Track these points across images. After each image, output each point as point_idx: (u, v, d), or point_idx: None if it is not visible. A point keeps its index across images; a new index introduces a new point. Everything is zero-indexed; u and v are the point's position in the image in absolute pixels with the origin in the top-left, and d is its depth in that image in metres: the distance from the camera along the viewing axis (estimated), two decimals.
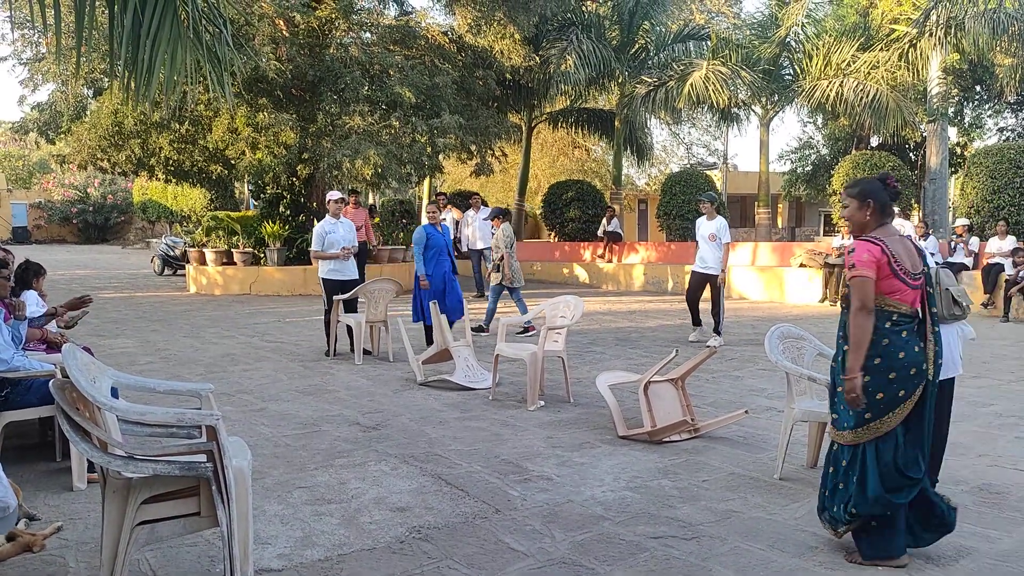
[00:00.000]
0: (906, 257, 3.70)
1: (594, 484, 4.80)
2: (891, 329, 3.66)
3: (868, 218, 3.77)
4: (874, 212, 3.76)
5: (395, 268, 17.63)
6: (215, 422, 3.24)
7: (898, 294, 3.66)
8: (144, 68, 4.67)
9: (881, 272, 3.63)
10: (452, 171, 30.35)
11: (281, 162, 15.28)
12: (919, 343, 3.71)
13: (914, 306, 3.72)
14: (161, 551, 3.77)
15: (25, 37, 16.27)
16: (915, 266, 3.72)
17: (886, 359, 3.64)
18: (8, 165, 50.65)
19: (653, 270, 19.14)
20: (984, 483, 4.81)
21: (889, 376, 3.63)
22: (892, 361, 3.64)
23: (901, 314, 3.68)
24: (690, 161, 38.10)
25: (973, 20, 17.51)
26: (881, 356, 3.64)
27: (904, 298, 3.67)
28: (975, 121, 26.33)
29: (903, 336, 3.66)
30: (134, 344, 10.27)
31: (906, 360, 3.64)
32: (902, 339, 3.66)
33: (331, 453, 5.46)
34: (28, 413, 4.90)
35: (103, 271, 24.61)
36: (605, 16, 23.38)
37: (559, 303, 7.58)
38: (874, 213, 3.76)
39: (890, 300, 3.66)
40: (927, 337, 3.73)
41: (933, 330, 3.73)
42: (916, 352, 3.67)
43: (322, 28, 15.78)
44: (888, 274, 3.64)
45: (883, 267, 3.62)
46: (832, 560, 3.73)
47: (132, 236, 44.21)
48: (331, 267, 9.20)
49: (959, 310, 4.30)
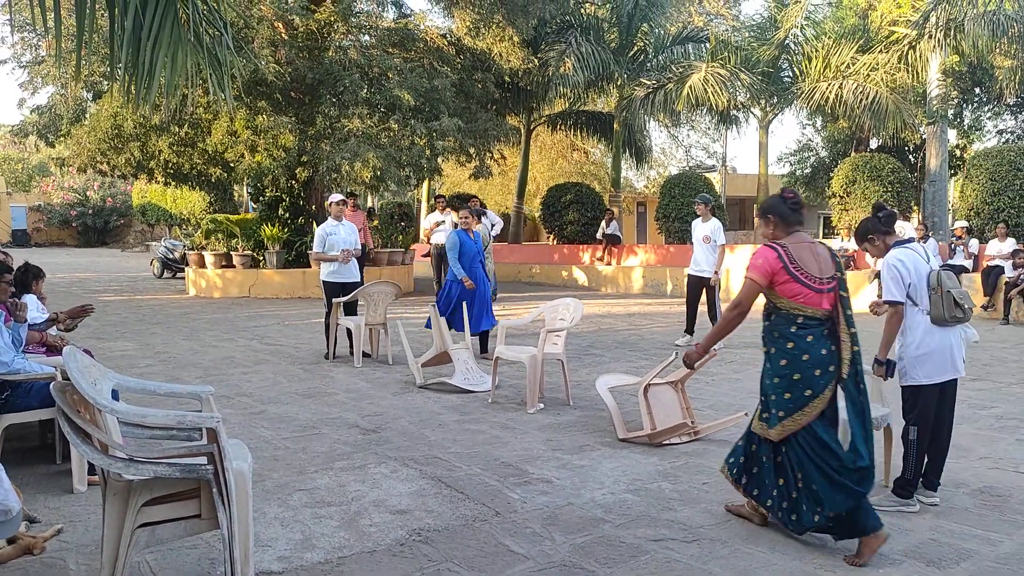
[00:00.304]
0: (812, 262, 3.90)
1: (594, 487, 4.80)
2: (796, 333, 3.87)
3: (774, 230, 4.07)
4: (777, 224, 4.06)
5: (394, 271, 17.63)
6: (215, 424, 3.24)
7: (801, 297, 3.86)
8: (145, 71, 4.67)
9: (777, 277, 3.87)
10: (451, 174, 30.34)
11: (280, 165, 15.28)
12: (829, 345, 3.88)
13: (823, 308, 3.88)
14: (161, 553, 3.77)
15: (25, 40, 16.28)
16: (823, 271, 3.91)
17: (791, 362, 3.87)
18: (8, 168, 50.62)
19: (652, 273, 19.14)
20: (985, 486, 4.81)
21: (794, 377, 3.86)
22: (797, 363, 3.86)
23: (807, 317, 3.86)
24: (689, 164, 38.18)
25: (972, 22, 17.53)
26: (787, 359, 3.89)
27: (809, 301, 3.86)
28: (975, 123, 26.36)
29: (808, 340, 3.86)
30: (134, 347, 10.27)
31: (810, 362, 3.84)
32: (807, 343, 3.86)
33: (331, 456, 5.46)
34: (29, 416, 4.90)
35: (103, 274, 24.61)
36: (604, 19, 23.41)
37: (558, 306, 7.58)
38: (777, 225, 4.05)
39: (795, 304, 3.87)
40: (840, 339, 3.88)
41: (849, 331, 3.87)
42: (823, 354, 3.85)
43: (321, 31, 15.79)
44: (787, 279, 3.85)
45: (778, 272, 3.86)
46: (832, 563, 3.72)
47: (131, 239, 44.20)
48: (332, 270, 9.20)
49: (960, 312, 4.30)
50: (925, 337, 4.35)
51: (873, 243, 4.59)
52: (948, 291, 4.28)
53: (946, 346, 4.36)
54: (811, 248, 3.97)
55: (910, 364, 4.40)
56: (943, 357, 4.36)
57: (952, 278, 4.37)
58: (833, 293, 3.92)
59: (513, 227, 26.20)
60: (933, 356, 4.35)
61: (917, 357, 4.37)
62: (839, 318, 3.91)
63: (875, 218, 4.57)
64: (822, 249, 4.02)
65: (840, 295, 3.93)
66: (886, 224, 4.55)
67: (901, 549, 3.87)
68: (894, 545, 3.90)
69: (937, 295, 4.30)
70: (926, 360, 4.35)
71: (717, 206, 21.10)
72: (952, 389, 4.48)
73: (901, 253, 4.42)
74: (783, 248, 3.91)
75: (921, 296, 4.36)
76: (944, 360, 4.36)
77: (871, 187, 17.90)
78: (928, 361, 4.35)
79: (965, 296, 4.34)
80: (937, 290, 4.30)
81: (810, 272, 3.87)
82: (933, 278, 4.33)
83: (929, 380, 4.37)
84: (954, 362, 4.39)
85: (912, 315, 4.40)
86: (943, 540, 3.98)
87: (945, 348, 4.36)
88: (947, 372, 4.39)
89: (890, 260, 4.42)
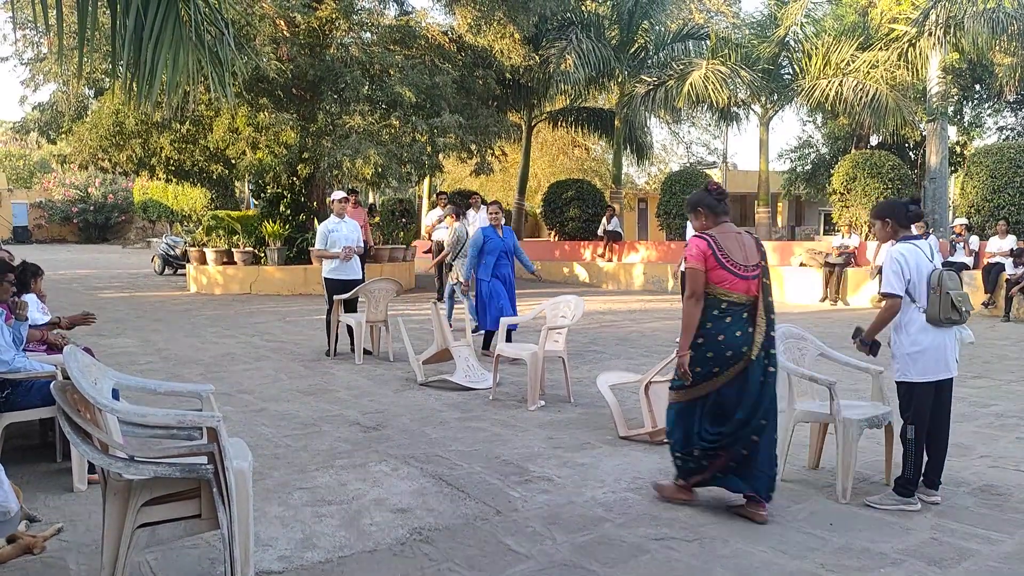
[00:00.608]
0: (737, 251, 4.29)
1: (595, 485, 4.80)
2: (717, 316, 4.26)
3: (704, 221, 4.42)
4: (707, 215, 4.41)
5: (395, 268, 17.63)
6: (216, 424, 3.24)
7: (727, 283, 4.24)
8: (146, 70, 4.66)
9: (708, 263, 4.24)
10: (452, 170, 30.34)
11: (281, 162, 15.28)
12: (745, 328, 4.25)
13: (747, 294, 4.27)
14: (162, 553, 3.77)
15: (27, 37, 16.25)
16: (748, 259, 4.30)
17: (707, 340, 4.26)
18: (9, 165, 50.63)
19: (653, 269, 19.14)
20: (986, 484, 4.81)
21: (707, 355, 4.26)
22: (712, 343, 4.25)
23: (731, 302, 4.25)
24: (690, 160, 38.12)
25: (972, 19, 17.49)
26: (704, 337, 4.27)
27: (734, 287, 4.25)
28: (975, 120, 26.31)
29: (727, 322, 4.25)
30: (134, 343, 10.27)
31: (724, 343, 4.23)
32: (725, 324, 4.25)
33: (331, 454, 5.46)
34: (29, 414, 4.90)
35: (104, 271, 24.61)
36: (604, 16, 23.37)
37: (559, 303, 7.58)
38: (707, 216, 4.40)
39: (720, 289, 4.24)
40: (756, 323, 4.25)
41: (765, 317, 4.27)
42: (737, 336, 4.23)
43: (322, 28, 15.77)
44: (715, 265, 4.23)
45: (709, 259, 4.24)
46: (835, 562, 3.72)
47: (133, 236, 44.22)
48: (333, 267, 9.20)
49: (956, 315, 4.30)
50: (919, 335, 4.35)
51: (886, 227, 4.56)
52: (947, 292, 4.27)
53: (940, 345, 4.36)
54: (737, 238, 4.34)
55: (903, 361, 4.41)
56: (937, 355, 4.36)
57: (954, 279, 4.36)
58: (757, 280, 4.29)
59: (514, 224, 26.16)
60: (927, 354, 4.35)
61: (911, 354, 4.37)
62: (759, 303, 4.27)
63: (903, 207, 4.56)
64: (748, 239, 4.39)
65: (763, 282, 4.30)
66: (909, 219, 4.55)
67: (902, 548, 3.87)
68: (895, 544, 3.91)
69: (936, 295, 4.30)
70: (919, 357, 4.35)
71: None
72: (947, 387, 4.48)
73: (906, 248, 4.42)
74: (712, 237, 4.29)
75: (920, 294, 4.35)
76: (938, 359, 4.37)
77: (871, 184, 17.86)
78: (921, 359, 4.35)
79: (964, 299, 4.33)
80: (937, 290, 4.29)
81: (736, 260, 4.25)
82: (935, 277, 4.32)
83: (922, 378, 4.37)
84: (947, 362, 4.39)
85: (909, 311, 4.40)
86: (944, 539, 3.98)
87: (939, 347, 4.36)
88: (941, 371, 4.39)
89: (893, 253, 4.42)
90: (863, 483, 4.80)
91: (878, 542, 3.94)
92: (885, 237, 4.60)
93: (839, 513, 4.36)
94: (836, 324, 12.34)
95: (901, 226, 4.54)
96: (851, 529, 4.12)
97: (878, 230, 4.65)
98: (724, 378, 4.24)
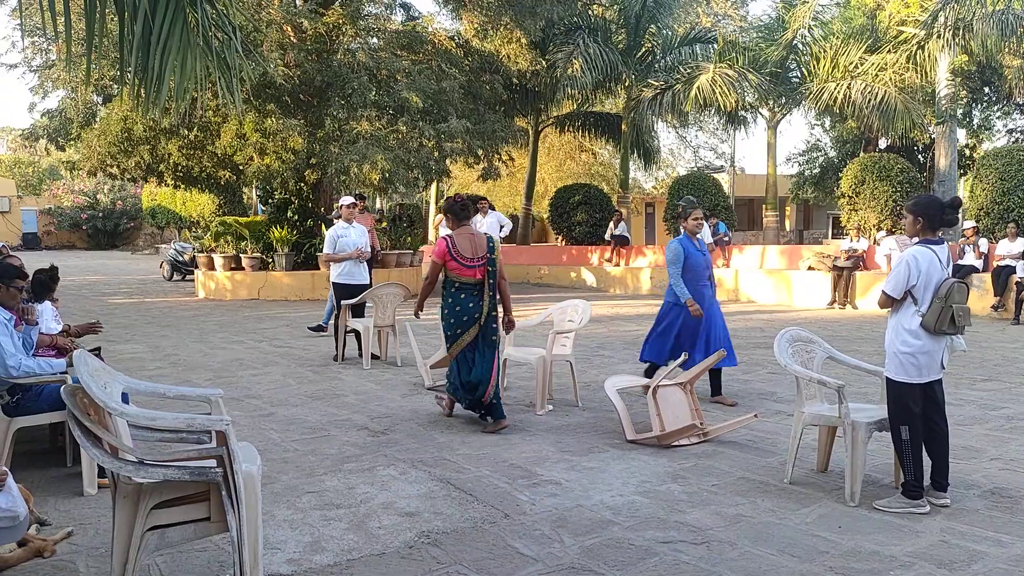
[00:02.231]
0: (468, 247, 6.04)
1: (603, 489, 4.80)
2: (454, 292, 6.10)
3: (452, 224, 6.20)
4: (454, 221, 6.19)
5: (402, 273, 17.65)
6: (225, 427, 3.25)
7: (458, 271, 6.02)
8: (154, 76, 4.69)
9: (445, 256, 6.03)
10: (459, 175, 30.32)
11: (289, 167, 15.33)
12: (477, 301, 6.04)
13: (475, 278, 6.03)
14: (171, 556, 3.79)
15: (35, 44, 16.39)
16: (476, 253, 6.04)
17: (450, 310, 6.10)
18: (18, 172, 50.93)
19: (661, 274, 19.09)
20: (996, 487, 4.79)
21: (451, 320, 6.09)
22: (452, 311, 6.08)
23: (462, 283, 6.05)
24: (697, 164, 38.10)
25: (981, 22, 17.47)
26: (447, 308, 6.12)
27: (464, 273, 6.03)
28: (984, 123, 26.26)
29: (461, 296, 6.06)
30: (143, 349, 10.31)
31: (461, 311, 6.05)
32: (460, 298, 6.06)
33: (340, 458, 5.47)
34: (39, 419, 4.93)
35: (113, 277, 24.71)
36: (611, 20, 23.41)
37: (567, 307, 7.58)
38: (454, 221, 6.19)
39: (453, 274, 6.06)
40: (483, 299, 6.02)
41: (489, 295, 6.04)
42: (470, 306, 6.04)
43: (330, 34, 15.84)
44: (450, 258, 6.02)
45: (444, 253, 6.03)
46: (844, 565, 3.71)
47: (141, 242, 44.33)
48: (342, 272, 9.23)
49: (952, 329, 4.29)
50: (912, 338, 4.35)
51: (916, 224, 4.46)
52: (951, 306, 4.25)
53: (931, 350, 4.36)
54: (471, 238, 6.09)
55: (893, 360, 4.42)
56: (928, 360, 4.36)
57: (963, 292, 4.31)
58: (483, 268, 6.03)
59: (521, 228, 26.22)
60: (916, 357, 4.34)
61: (903, 354, 4.36)
62: (485, 285, 6.03)
63: (941, 210, 4.42)
64: (480, 239, 6.11)
65: (488, 269, 6.03)
66: (942, 223, 4.46)
67: (912, 551, 3.85)
68: (904, 547, 3.90)
69: (939, 304, 4.28)
70: (909, 359, 4.35)
71: (725, 207, 21.13)
72: (938, 387, 4.47)
73: (920, 251, 4.38)
74: (450, 238, 6.07)
75: (924, 300, 4.34)
76: (929, 363, 4.37)
77: (880, 187, 17.83)
78: (911, 361, 4.35)
79: (965, 314, 4.31)
80: (942, 301, 4.27)
81: (465, 255, 6.02)
82: (944, 287, 4.30)
83: (909, 379, 4.37)
84: (932, 365, 4.38)
85: (907, 313, 4.39)
86: (953, 542, 3.96)
87: (930, 352, 4.36)
88: (927, 375, 4.38)
89: (907, 255, 4.39)
90: (872, 486, 4.78)
91: (887, 545, 3.93)
92: (912, 232, 4.55)
93: (848, 516, 4.34)
94: (845, 327, 12.30)
95: (932, 228, 4.47)
96: (860, 532, 4.11)
97: (908, 223, 4.55)
98: (468, 335, 6.03)
